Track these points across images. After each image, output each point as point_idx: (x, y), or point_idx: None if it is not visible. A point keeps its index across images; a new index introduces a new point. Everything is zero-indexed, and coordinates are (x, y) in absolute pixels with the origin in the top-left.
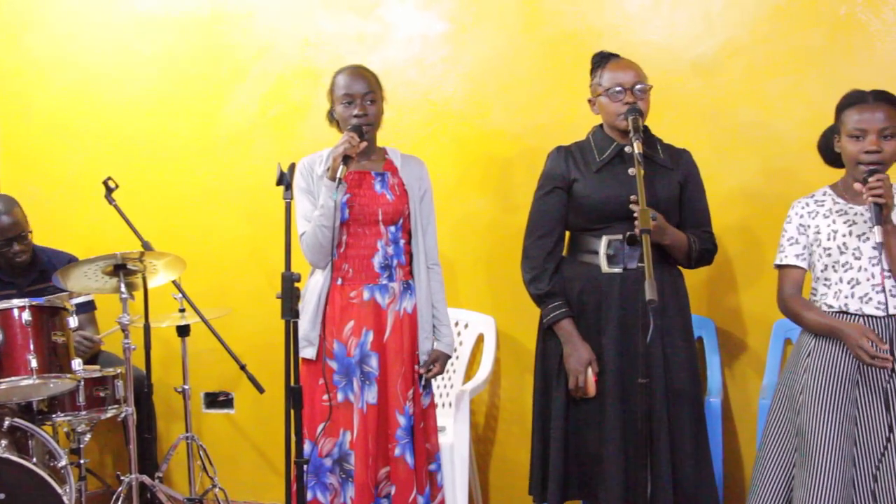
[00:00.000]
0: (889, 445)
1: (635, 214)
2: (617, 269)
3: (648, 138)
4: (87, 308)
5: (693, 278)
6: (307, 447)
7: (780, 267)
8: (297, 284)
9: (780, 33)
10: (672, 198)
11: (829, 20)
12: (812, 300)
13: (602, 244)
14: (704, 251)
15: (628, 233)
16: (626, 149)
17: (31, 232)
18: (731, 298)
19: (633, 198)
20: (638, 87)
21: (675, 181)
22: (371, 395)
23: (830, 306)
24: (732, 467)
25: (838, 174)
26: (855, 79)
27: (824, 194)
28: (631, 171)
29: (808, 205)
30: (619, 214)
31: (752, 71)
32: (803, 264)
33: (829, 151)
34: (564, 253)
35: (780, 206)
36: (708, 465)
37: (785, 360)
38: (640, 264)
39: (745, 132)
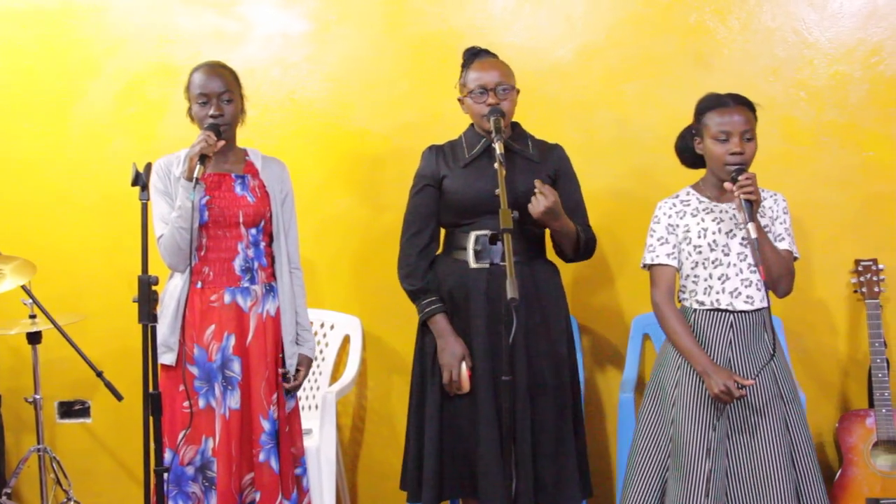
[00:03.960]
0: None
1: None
2: (484, 265)
3: (519, 134)
4: None
5: None
6: (168, 455)
7: (650, 267)
8: (154, 288)
9: (636, 38)
10: None
11: (681, 27)
12: (681, 297)
13: (470, 240)
14: (589, 240)
15: (490, 233)
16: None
17: None
18: (592, 295)
19: (497, 192)
20: (501, 87)
21: (543, 174)
22: (234, 401)
23: (702, 303)
24: (596, 461)
25: (692, 173)
26: (704, 83)
27: (688, 194)
28: (496, 166)
29: (675, 205)
30: (486, 209)
31: (609, 74)
32: (674, 263)
33: (687, 153)
34: (441, 251)
35: (638, 205)
36: (571, 461)
37: (643, 355)
38: (503, 262)
39: (603, 133)
